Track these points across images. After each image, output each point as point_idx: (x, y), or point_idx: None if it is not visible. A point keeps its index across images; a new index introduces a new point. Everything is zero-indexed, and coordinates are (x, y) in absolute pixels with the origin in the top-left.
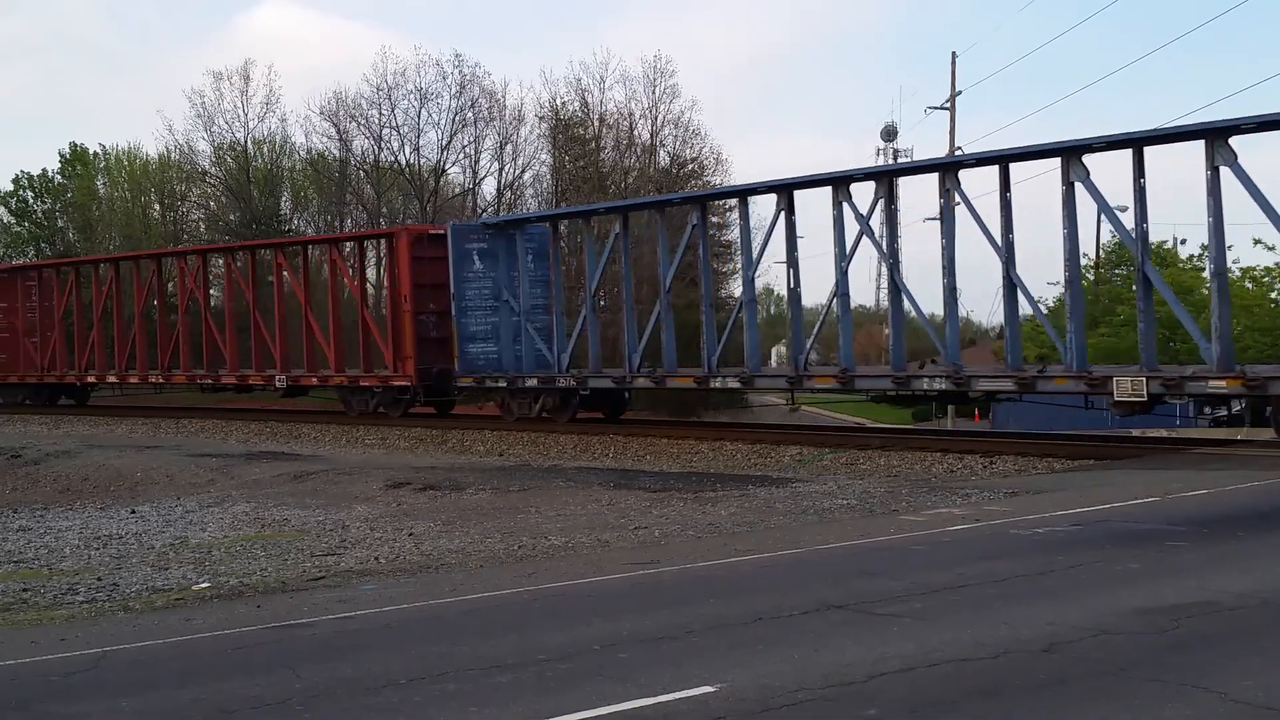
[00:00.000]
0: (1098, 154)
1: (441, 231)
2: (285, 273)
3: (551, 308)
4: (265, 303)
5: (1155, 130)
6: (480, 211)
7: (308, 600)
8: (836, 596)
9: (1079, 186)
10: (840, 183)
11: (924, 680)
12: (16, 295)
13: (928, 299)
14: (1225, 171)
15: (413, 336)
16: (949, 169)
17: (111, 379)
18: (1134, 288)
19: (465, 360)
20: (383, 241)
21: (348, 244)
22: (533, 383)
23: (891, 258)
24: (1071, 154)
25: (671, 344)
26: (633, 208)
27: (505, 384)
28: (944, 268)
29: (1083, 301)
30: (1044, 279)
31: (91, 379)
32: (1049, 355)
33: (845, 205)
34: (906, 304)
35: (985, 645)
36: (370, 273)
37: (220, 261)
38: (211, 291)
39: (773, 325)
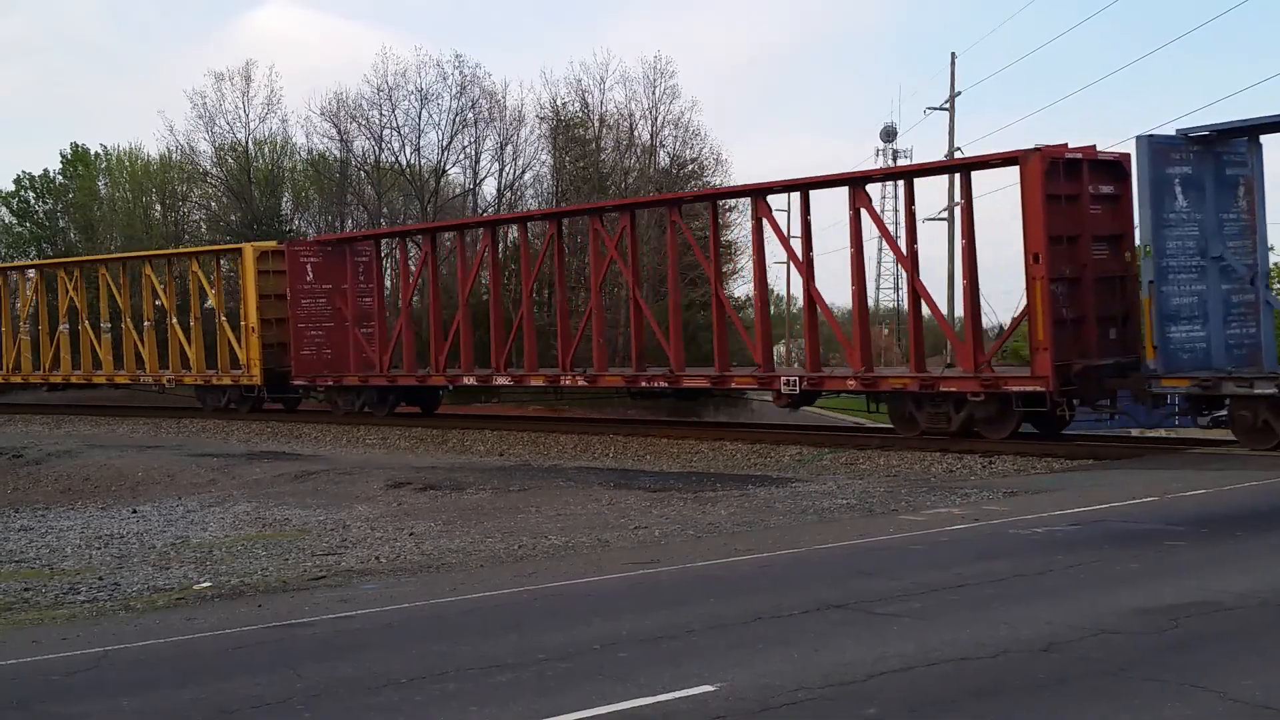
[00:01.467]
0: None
1: (1079, 156)
2: (768, 227)
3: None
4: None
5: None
6: (481, 212)
7: (309, 600)
8: (836, 596)
9: None
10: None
11: (923, 680)
12: (344, 273)
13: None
14: None
15: (1047, 317)
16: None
17: (502, 381)
18: None
19: (1168, 351)
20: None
21: (877, 182)
22: None
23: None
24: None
25: None
26: None
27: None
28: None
29: None
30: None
31: (469, 381)
32: None
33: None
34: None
35: (984, 645)
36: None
37: (652, 217)
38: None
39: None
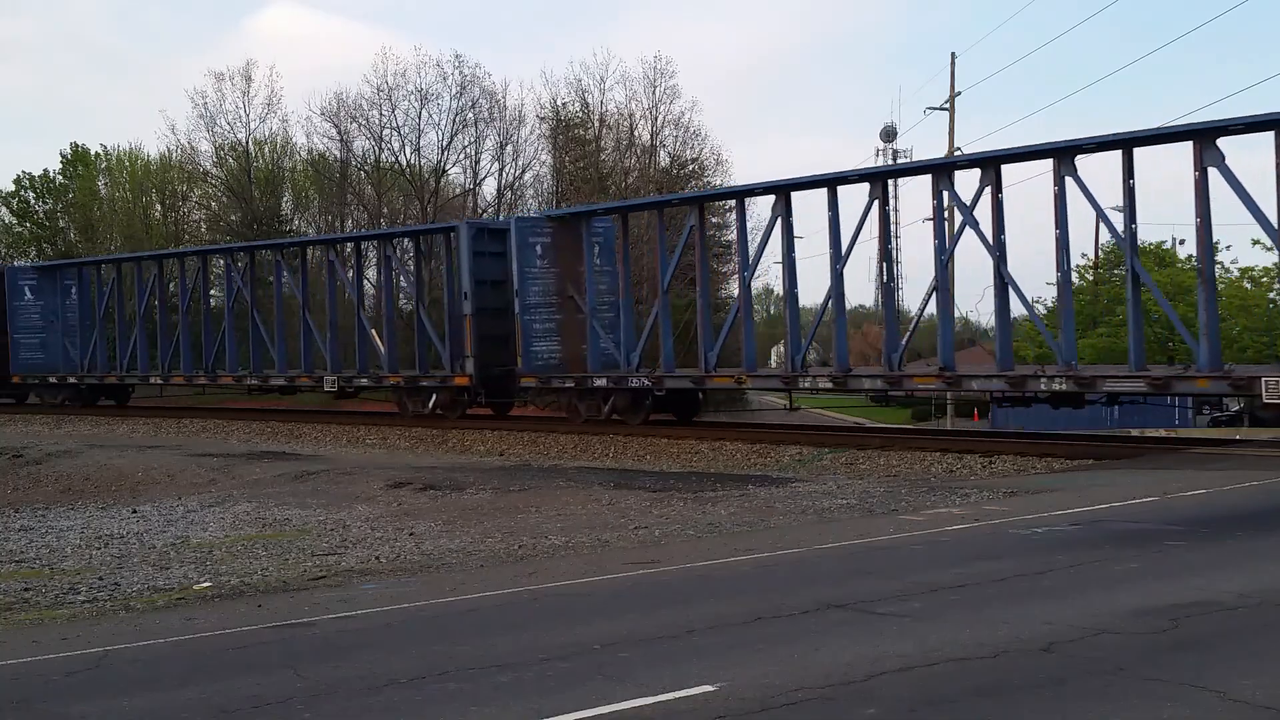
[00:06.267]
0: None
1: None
2: None
3: None
4: None
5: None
6: (481, 212)
7: (309, 599)
8: (836, 596)
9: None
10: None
11: (923, 680)
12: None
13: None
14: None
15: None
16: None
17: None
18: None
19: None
20: None
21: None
22: None
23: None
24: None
25: None
26: None
27: None
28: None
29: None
30: (1042, 279)
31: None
32: (1047, 356)
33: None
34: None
35: (984, 645)
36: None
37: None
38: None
39: (771, 326)
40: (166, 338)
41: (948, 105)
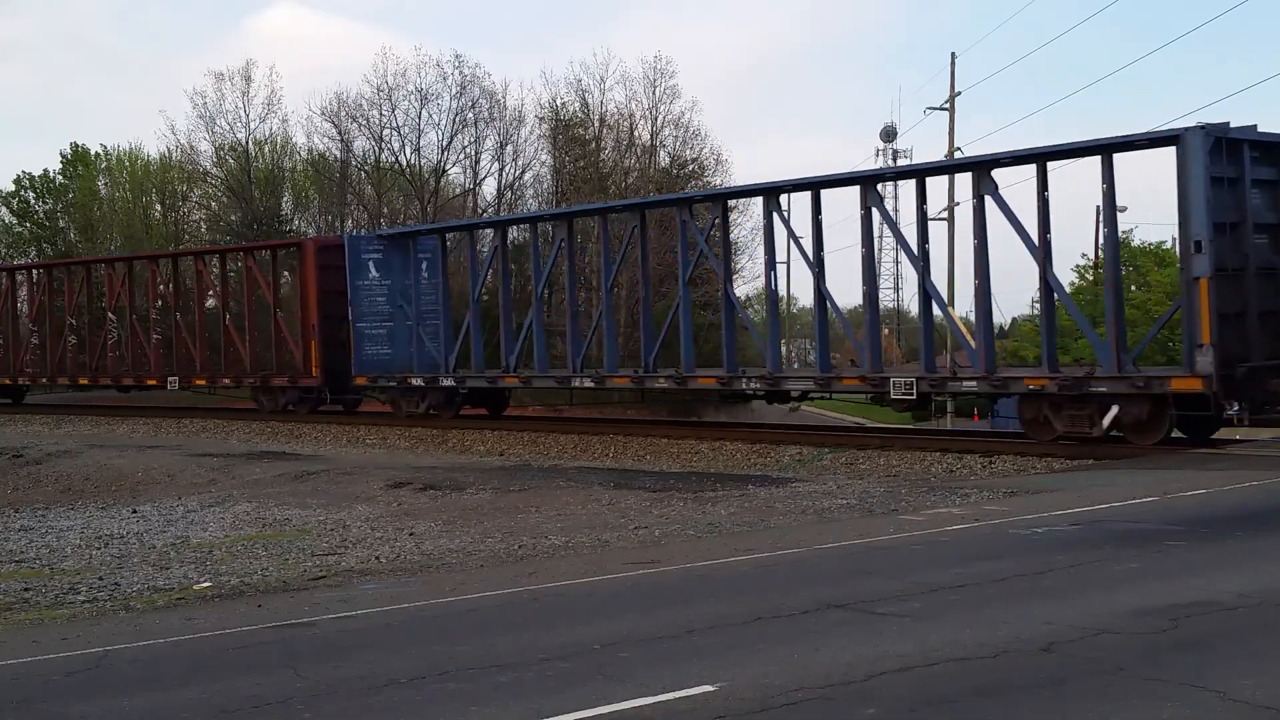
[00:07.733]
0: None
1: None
2: None
3: None
4: None
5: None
6: (481, 212)
7: (309, 599)
8: (836, 596)
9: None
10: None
11: (923, 680)
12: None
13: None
14: None
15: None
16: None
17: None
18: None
19: None
20: None
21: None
22: None
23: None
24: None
25: None
26: None
27: None
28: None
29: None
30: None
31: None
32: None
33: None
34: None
35: (984, 645)
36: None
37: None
38: None
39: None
40: (579, 324)
41: (948, 105)
